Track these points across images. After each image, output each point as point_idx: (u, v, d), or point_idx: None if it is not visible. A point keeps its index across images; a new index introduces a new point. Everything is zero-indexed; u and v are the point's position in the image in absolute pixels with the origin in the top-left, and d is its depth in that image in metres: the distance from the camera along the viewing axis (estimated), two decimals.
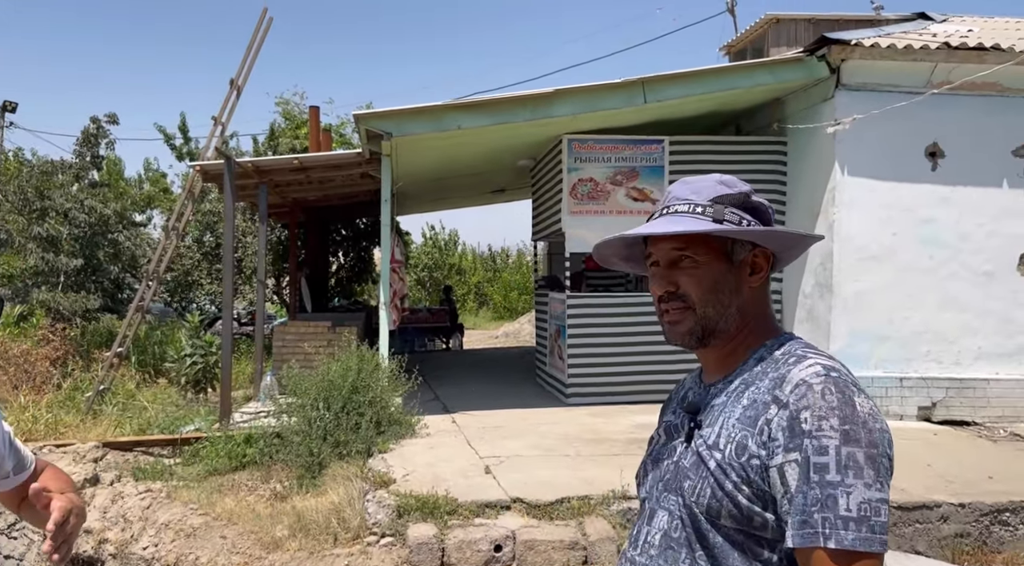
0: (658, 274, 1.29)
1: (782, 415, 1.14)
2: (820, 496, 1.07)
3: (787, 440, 1.12)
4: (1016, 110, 7.77)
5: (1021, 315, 7.81)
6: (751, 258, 1.29)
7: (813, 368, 1.16)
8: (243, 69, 9.66)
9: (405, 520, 4.87)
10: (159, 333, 12.97)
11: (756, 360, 1.26)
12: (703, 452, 1.21)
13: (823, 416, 1.10)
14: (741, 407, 1.20)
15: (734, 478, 1.16)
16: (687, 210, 1.27)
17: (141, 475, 6.68)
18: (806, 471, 1.09)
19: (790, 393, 1.14)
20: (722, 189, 1.29)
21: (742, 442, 1.17)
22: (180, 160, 17.81)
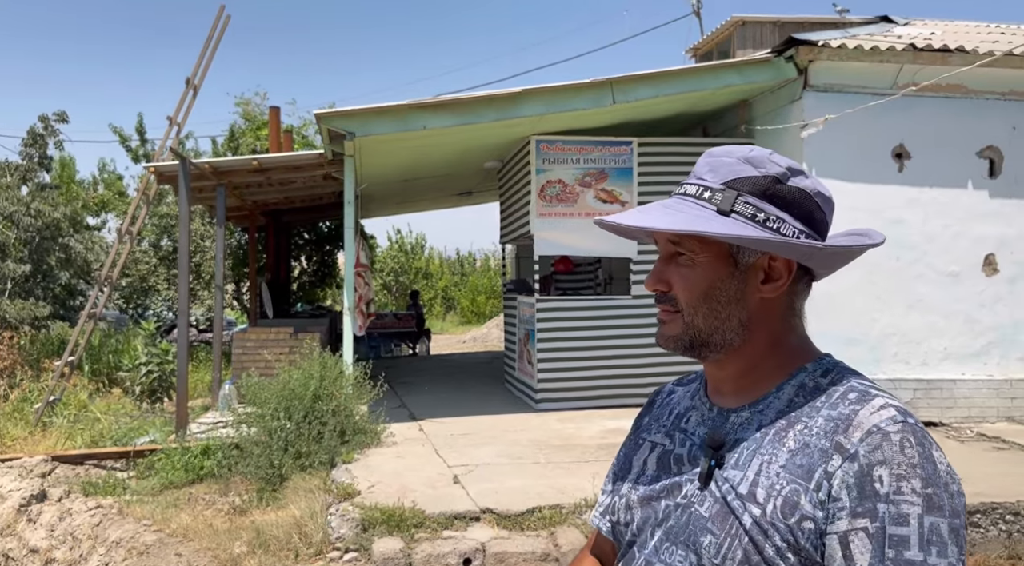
0: (654, 268, 1.09)
1: (849, 469, 0.91)
2: None
3: (855, 502, 0.89)
4: (980, 111, 7.84)
5: (986, 316, 7.87)
6: (766, 263, 1.03)
7: (887, 411, 0.93)
8: (200, 67, 9.38)
9: (370, 534, 4.67)
10: (113, 341, 12.56)
11: (795, 388, 1.02)
12: (733, 503, 0.96)
13: (903, 476, 0.89)
14: (787, 451, 0.96)
15: (778, 542, 0.92)
16: (695, 193, 1.04)
17: (92, 490, 6.39)
18: (880, 545, 0.87)
19: (860, 442, 0.91)
20: (743, 170, 1.02)
21: (792, 498, 0.93)
22: (136, 162, 17.35)
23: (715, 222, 0.99)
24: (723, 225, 0.99)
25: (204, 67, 9.50)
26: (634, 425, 1.23)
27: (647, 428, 1.19)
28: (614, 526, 1.15)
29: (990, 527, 5.14)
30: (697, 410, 1.11)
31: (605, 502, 1.20)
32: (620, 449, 1.23)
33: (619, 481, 1.16)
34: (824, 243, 1.01)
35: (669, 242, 1.05)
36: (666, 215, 1.02)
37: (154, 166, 8.73)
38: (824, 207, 1.03)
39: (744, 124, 8.70)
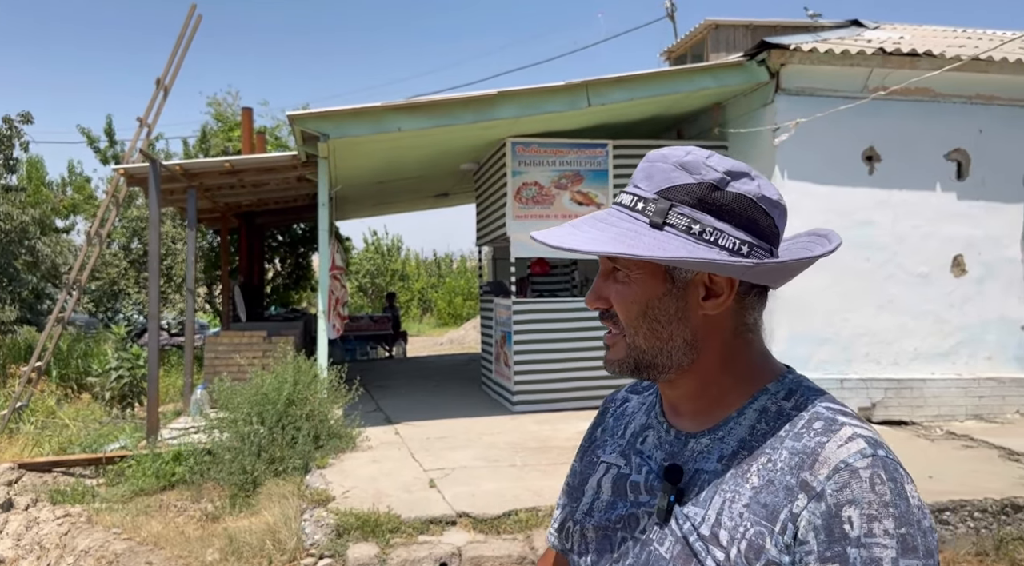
0: (593, 285, 0.99)
1: (815, 510, 0.82)
2: None
3: (823, 546, 0.81)
4: (948, 115, 7.97)
5: (954, 316, 7.99)
6: (705, 278, 0.93)
7: (855, 444, 0.85)
8: (170, 68, 9.25)
9: (345, 540, 4.64)
10: (83, 345, 12.36)
11: (757, 413, 0.94)
12: (696, 545, 0.88)
13: (875, 516, 0.80)
14: (751, 488, 0.88)
15: None
16: (629, 203, 0.95)
17: (60, 498, 6.28)
18: None
19: (827, 480, 0.83)
20: (678, 177, 0.92)
21: (757, 542, 0.85)
22: (105, 163, 17.08)
23: (644, 238, 0.90)
24: (652, 241, 0.90)
25: (175, 67, 9.38)
26: (588, 436, 1.15)
27: (602, 444, 1.11)
28: (567, 550, 1.08)
29: (959, 524, 5.21)
30: (654, 430, 1.03)
31: (560, 518, 1.12)
32: (575, 460, 1.16)
33: (574, 502, 1.08)
34: (757, 262, 0.90)
35: (606, 259, 0.97)
36: (594, 233, 0.93)
37: (123, 168, 8.59)
38: (771, 212, 0.93)
39: (718, 127, 8.77)
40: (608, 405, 1.17)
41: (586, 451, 1.14)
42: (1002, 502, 5.18)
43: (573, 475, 1.14)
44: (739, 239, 0.91)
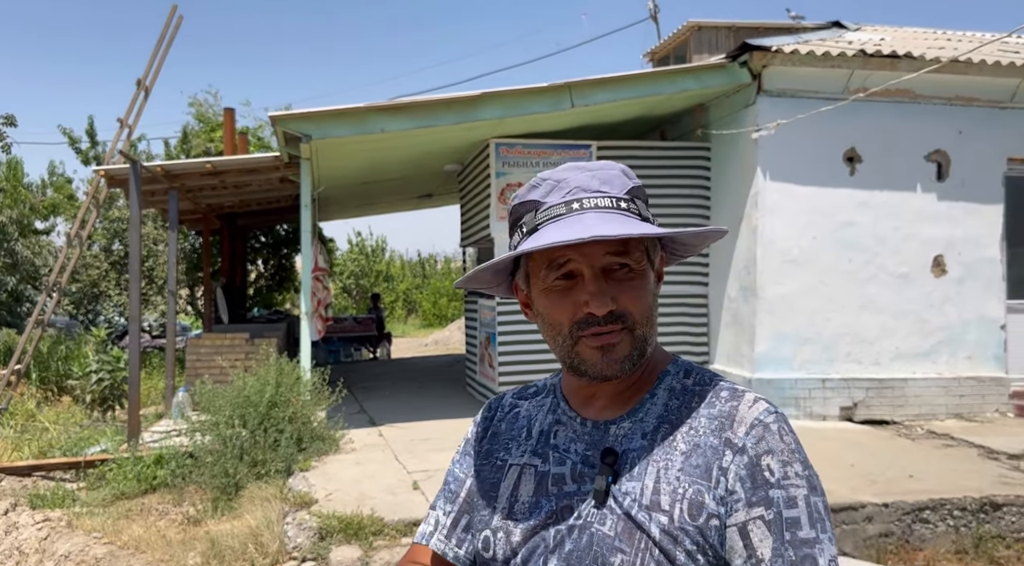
0: (587, 288, 0.98)
1: (740, 462, 0.93)
2: (795, 558, 0.90)
3: (750, 493, 0.92)
4: (928, 116, 8.04)
5: (934, 316, 8.07)
6: (659, 263, 1.06)
7: (760, 405, 0.98)
8: (151, 68, 9.18)
9: (328, 543, 4.61)
10: (63, 348, 12.22)
11: (667, 392, 1.03)
12: (639, 516, 0.94)
13: (787, 461, 0.94)
14: (680, 454, 0.96)
15: (688, 546, 0.92)
16: (610, 205, 1.00)
17: (39, 502, 6.21)
18: (779, 529, 0.91)
19: (746, 436, 0.95)
20: (629, 181, 1.04)
21: (697, 499, 0.93)
22: (86, 164, 16.90)
23: (653, 228, 1.00)
24: (659, 230, 0.99)
25: (156, 68, 9.30)
26: (476, 441, 1.15)
27: (503, 447, 1.11)
28: (478, 558, 1.07)
29: (939, 523, 5.26)
30: (565, 426, 1.06)
31: (448, 521, 1.13)
32: (457, 466, 1.16)
33: (483, 509, 1.08)
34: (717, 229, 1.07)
35: (609, 255, 0.98)
36: (622, 226, 0.96)
37: (104, 169, 8.52)
38: None
39: (700, 128, 8.81)
40: (493, 412, 1.17)
41: (478, 456, 1.13)
42: (981, 500, 5.23)
43: (457, 481, 1.14)
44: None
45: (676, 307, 8.72)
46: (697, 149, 8.79)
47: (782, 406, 7.74)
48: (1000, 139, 8.18)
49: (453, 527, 1.12)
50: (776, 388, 7.75)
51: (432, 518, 1.14)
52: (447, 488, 1.16)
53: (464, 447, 1.18)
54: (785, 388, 7.77)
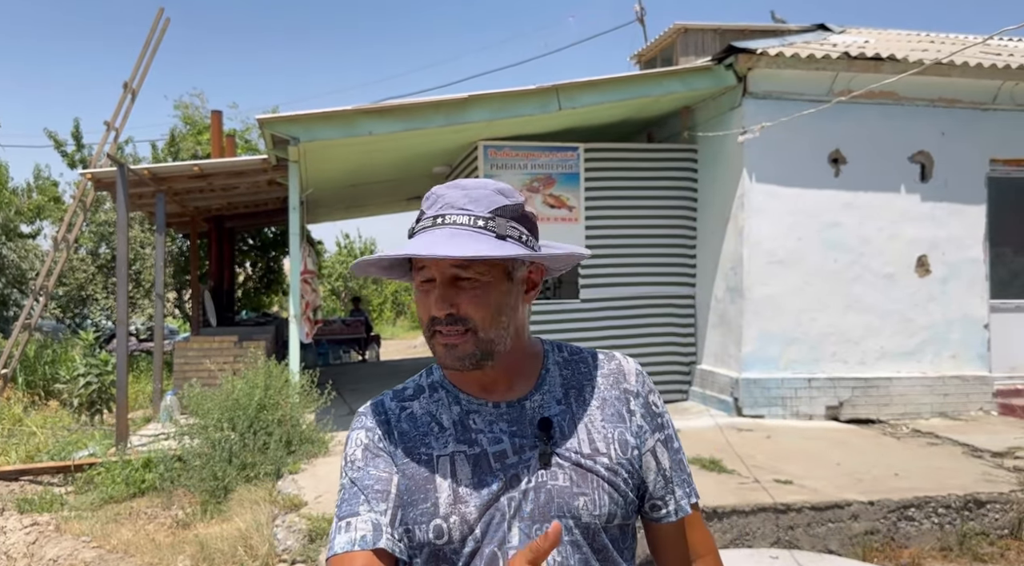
0: (435, 293, 1.13)
1: (639, 403, 1.23)
2: (678, 462, 1.25)
3: (650, 422, 1.23)
4: (912, 117, 8.13)
5: (919, 315, 8.16)
6: (527, 275, 1.21)
7: (631, 361, 1.29)
8: (138, 71, 9.16)
9: (317, 545, 4.63)
10: (50, 352, 12.13)
11: (556, 365, 1.26)
12: (585, 463, 1.16)
13: (659, 395, 1.27)
14: (596, 408, 1.21)
15: (624, 475, 1.18)
16: (467, 222, 1.12)
17: (27, 507, 6.18)
18: (669, 445, 1.25)
19: (636, 382, 1.25)
20: (500, 200, 1.15)
21: (622, 438, 1.19)
22: (72, 168, 16.81)
23: (505, 246, 1.12)
24: (511, 247, 1.12)
25: (143, 71, 9.28)
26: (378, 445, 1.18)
27: (420, 443, 1.17)
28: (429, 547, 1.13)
29: (924, 520, 5.32)
30: (478, 412, 1.19)
31: (387, 519, 1.13)
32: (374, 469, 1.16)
33: (423, 504, 1.13)
34: (577, 253, 1.26)
35: (453, 267, 1.12)
36: (469, 244, 1.09)
37: (91, 172, 8.49)
38: (535, 222, 1.22)
39: (687, 130, 8.87)
40: (387, 416, 1.22)
41: (392, 455, 1.18)
42: (965, 498, 5.29)
43: (381, 481, 1.15)
44: (537, 242, 1.20)
45: (663, 308, 8.77)
46: (683, 151, 8.85)
47: (769, 406, 7.81)
48: (983, 140, 8.28)
49: (391, 524, 1.14)
50: (763, 388, 7.82)
51: (364, 522, 1.12)
52: (371, 490, 1.15)
53: (363, 454, 1.19)
54: (771, 388, 7.83)
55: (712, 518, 4.95)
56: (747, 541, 5.02)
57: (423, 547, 1.14)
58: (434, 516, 1.13)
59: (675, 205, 8.80)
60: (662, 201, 8.75)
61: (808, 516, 5.12)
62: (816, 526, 5.15)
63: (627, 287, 8.68)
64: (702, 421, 7.73)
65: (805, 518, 5.13)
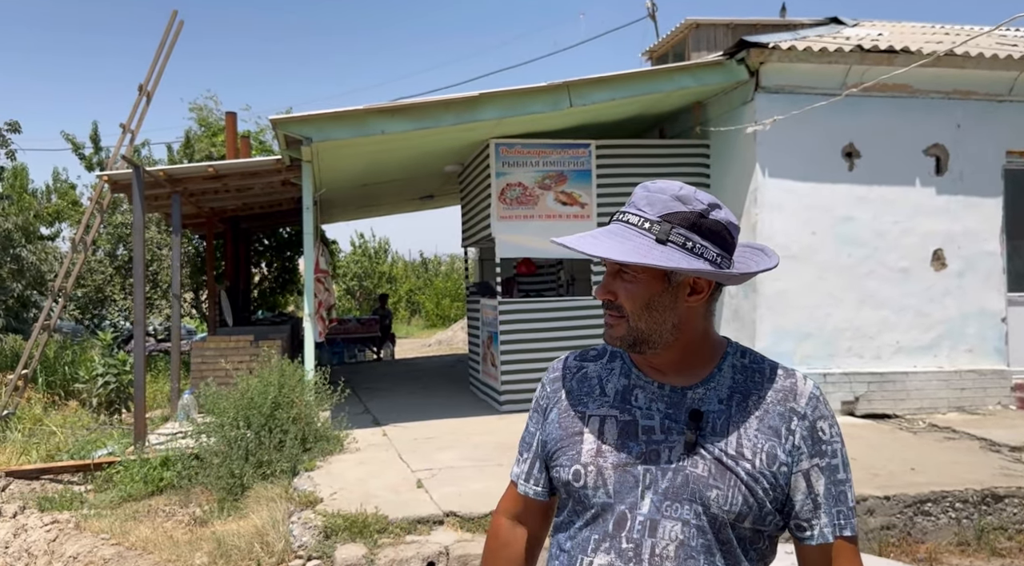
0: (603, 281, 1.33)
1: (803, 425, 1.27)
2: (836, 494, 1.27)
3: (811, 448, 1.27)
4: (926, 110, 8.06)
5: (935, 309, 8.09)
6: (691, 280, 1.29)
7: (810, 383, 1.33)
8: (153, 73, 9.24)
9: (333, 541, 4.66)
10: (69, 352, 12.30)
11: (731, 368, 1.33)
12: (727, 462, 1.25)
13: (832, 424, 1.30)
14: (755, 418, 1.28)
15: (764, 485, 1.24)
16: (636, 223, 1.27)
17: (47, 505, 6.27)
18: (830, 473, 1.27)
19: (806, 405, 1.29)
20: (675, 206, 1.26)
21: (772, 452, 1.26)
22: (90, 170, 16.98)
23: (655, 251, 1.23)
24: (661, 254, 1.23)
25: (158, 73, 9.36)
26: (548, 396, 1.43)
27: (578, 401, 1.38)
28: (572, 490, 1.32)
29: (940, 515, 5.28)
30: (643, 389, 1.34)
31: (527, 468, 1.45)
32: (536, 418, 1.45)
33: (569, 450, 1.34)
34: (741, 273, 1.30)
35: (614, 263, 1.28)
36: (616, 244, 1.25)
37: (107, 174, 8.57)
38: (734, 234, 1.30)
39: (699, 125, 8.84)
40: (564, 372, 1.45)
41: (551, 409, 1.42)
42: (983, 492, 5.26)
43: (530, 435, 1.46)
44: (717, 253, 1.27)
45: None
46: (696, 146, 8.82)
47: None
48: (999, 132, 8.19)
49: (530, 471, 1.45)
50: None
51: (518, 464, 1.48)
52: (524, 441, 1.48)
53: (535, 404, 1.47)
54: None
55: None
56: None
57: (565, 486, 1.34)
58: (575, 462, 1.32)
59: None
60: None
61: None
62: None
63: None
64: None
65: None
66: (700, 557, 1.24)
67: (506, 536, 1.49)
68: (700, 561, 1.24)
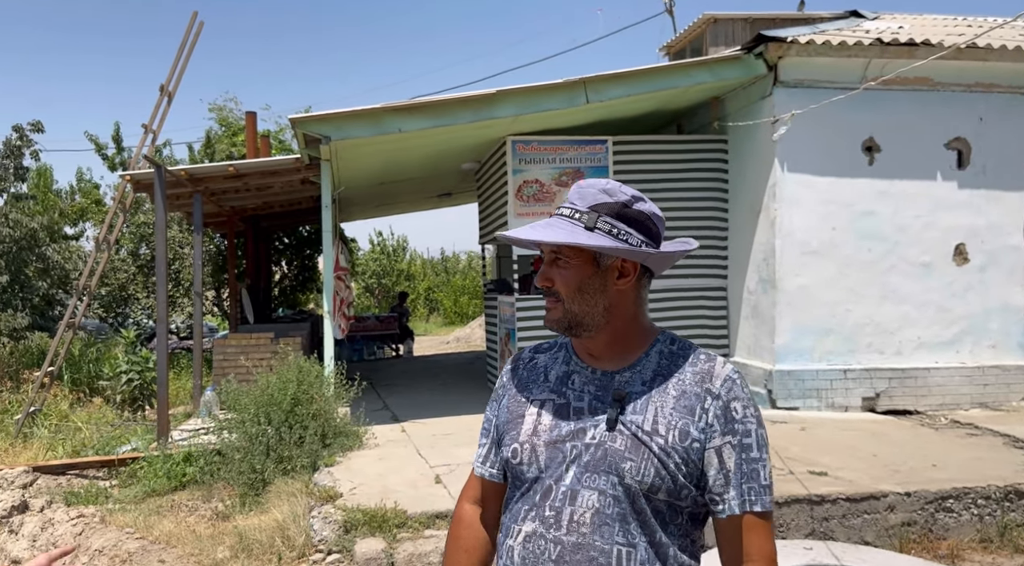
0: (541, 270, 1.45)
1: (717, 405, 1.36)
2: (748, 471, 1.36)
3: (723, 426, 1.36)
4: (947, 104, 7.97)
5: (957, 305, 8.01)
6: (618, 264, 1.42)
7: (728, 366, 1.42)
8: (174, 74, 9.35)
9: (352, 535, 4.71)
10: (94, 350, 12.49)
11: (659, 354, 1.44)
12: (643, 437, 1.35)
13: (746, 406, 1.38)
14: (672, 398, 1.38)
15: (676, 459, 1.34)
16: (568, 214, 1.42)
17: (73, 499, 6.38)
18: (739, 451, 1.35)
19: (721, 387, 1.38)
20: (601, 197, 1.40)
21: (684, 429, 1.35)
22: (113, 170, 17.22)
23: (583, 235, 1.37)
24: (589, 238, 1.37)
25: (178, 74, 9.47)
26: (503, 385, 1.56)
27: (524, 388, 1.51)
28: (510, 467, 1.46)
29: (963, 512, 5.24)
30: (579, 373, 1.46)
31: (484, 452, 1.57)
32: (494, 406, 1.57)
33: (512, 430, 1.47)
34: (657, 250, 1.42)
35: (551, 251, 1.42)
36: (550, 231, 1.39)
37: (130, 174, 8.69)
38: (658, 224, 1.44)
39: (717, 120, 8.80)
40: (517, 363, 1.58)
41: (503, 397, 1.55)
42: (1006, 489, 5.20)
43: (489, 421, 1.57)
44: (640, 239, 1.41)
45: (695, 300, 8.73)
46: (714, 141, 8.79)
47: (803, 397, 7.74)
48: (1022, 125, 8.08)
49: (487, 455, 1.57)
50: (797, 379, 7.74)
51: (479, 449, 1.59)
52: (484, 427, 1.60)
53: (494, 394, 1.59)
54: (806, 379, 7.75)
55: None
56: (781, 533, 4.99)
57: (506, 464, 1.47)
58: (515, 441, 1.45)
59: (706, 196, 8.74)
60: (692, 193, 8.69)
61: (843, 507, 5.07)
62: (851, 517, 5.11)
63: (658, 279, 8.62)
64: None
65: (840, 509, 5.08)
66: (615, 524, 1.34)
67: (469, 519, 1.58)
68: (615, 528, 1.34)
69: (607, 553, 1.33)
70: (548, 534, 1.36)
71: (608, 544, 1.33)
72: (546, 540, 1.36)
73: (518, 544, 1.40)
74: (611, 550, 1.33)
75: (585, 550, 1.34)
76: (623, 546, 1.33)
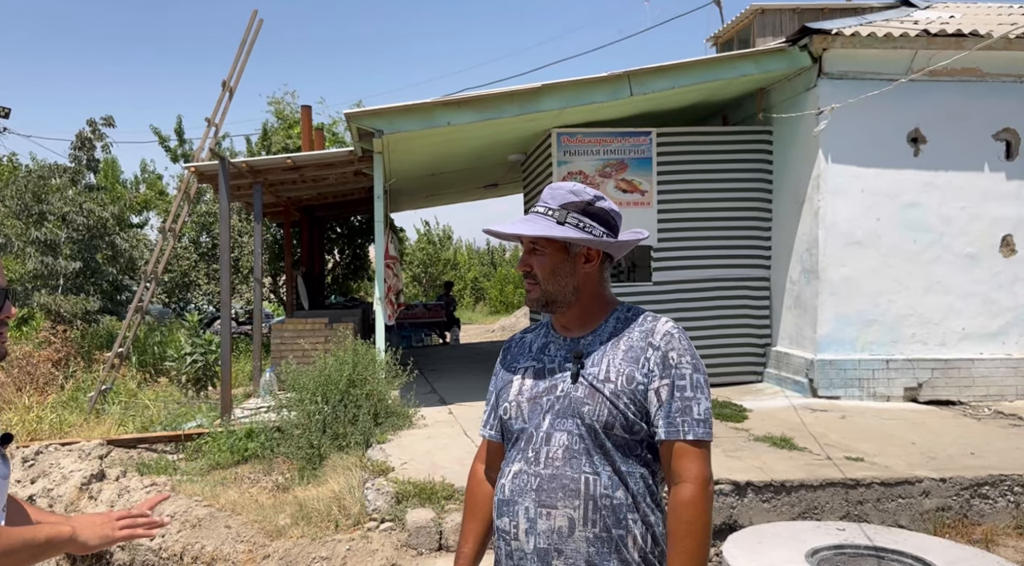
0: (521, 257, 1.78)
1: (656, 355, 1.68)
2: (681, 406, 1.64)
3: (662, 371, 1.66)
4: (996, 94, 7.91)
5: (1003, 296, 7.97)
6: (585, 251, 1.75)
7: (669, 324, 1.74)
8: (235, 70, 9.77)
9: (404, 506, 5.02)
10: (158, 333, 13.09)
11: (616, 320, 1.77)
12: (596, 385, 1.67)
13: (682, 354, 1.68)
14: (621, 352, 1.70)
15: (625, 400, 1.65)
16: (543, 212, 1.74)
17: (146, 470, 6.82)
18: (675, 389, 1.65)
19: (660, 340, 1.69)
20: (570, 197, 1.73)
21: (631, 375, 1.67)
22: (175, 162, 17.93)
23: (557, 229, 1.70)
24: (561, 231, 1.70)
25: (239, 70, 9.90)
26: (501, 364, 1.89)
27: (515, 360, 1.85)
28: (503, 423, 1.80)
29: (999, 498, 5.30)
30: (554, 343, 1.81)
31: (486, 417, 1.90)
32: (494, 380, 1.90)
33: (504, 394, 1.81)
34: (616, 239, 1.75)
35: (530, 242, 1.76)
36: (528, 227, 1.71)
37: (195, 166, 9.15)
38: (616, 218, 1.77)
39: (762, 112, 8.86)
40: (510, 343, 1.93)
41: (500, 371, 1.88)
42: None
43: (490, 393, 1.90)
44: (602, 231, 1.75)
45: (737, 290, 8.83)
46: (759, 133, 8.86)
47: (845, 387, 7.80)
48: None
49: (488, 419, 1.91)
50: (839, 369, 7.82)
51: (485, 416, 1.92)
52: (487, 398, 1.93)
53: (495, 370, 1.92)
54: (848, 369, 7.82)
55: (780, 492, 5.10)
56: (815, 514, 5.14)
57: (501, 421, 1.82)
58: (505, 400, 1.80)
59: (750, 187, 8.82)
60: (736, 184, 8.79)
61: (878, 491, 5.18)
62: (886, 502, 5.22)
63: (700, 270, 8.77)
64: (776, 401, 7.80)
65: (875, 493, 5.20)
66: (582, 457, 1.66)
67: (479, 475, 1.93)
68: (582, 460, 1.66)
69: (576, 480, 1.64)
70: (529, 470, 1.69)
71: (577, 473, 1.65)
72: (528, 475, 1.69)
73: (508, 481, 1.73)
74: (580, 478, 1.65)
75: (559, 479, 1.66)
76: (589, 474, 1.65)
